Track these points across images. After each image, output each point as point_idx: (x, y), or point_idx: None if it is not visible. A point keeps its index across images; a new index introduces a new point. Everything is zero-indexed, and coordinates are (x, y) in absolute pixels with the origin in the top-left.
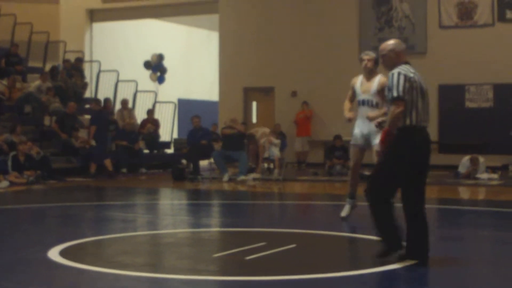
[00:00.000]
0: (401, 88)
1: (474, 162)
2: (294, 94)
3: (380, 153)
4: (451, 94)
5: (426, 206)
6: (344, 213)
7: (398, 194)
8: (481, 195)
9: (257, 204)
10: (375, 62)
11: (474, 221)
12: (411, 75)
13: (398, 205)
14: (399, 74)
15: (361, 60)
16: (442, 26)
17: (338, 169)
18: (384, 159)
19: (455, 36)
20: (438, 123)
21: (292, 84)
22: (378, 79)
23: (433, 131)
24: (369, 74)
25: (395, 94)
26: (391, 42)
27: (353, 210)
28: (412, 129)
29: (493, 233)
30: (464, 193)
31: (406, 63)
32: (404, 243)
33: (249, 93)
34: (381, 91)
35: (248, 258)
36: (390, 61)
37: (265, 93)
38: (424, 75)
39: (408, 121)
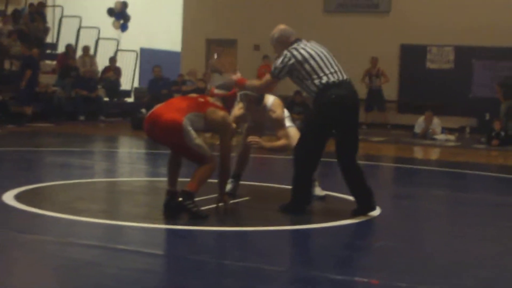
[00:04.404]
0: (277, 65)
1: (427, 120)
2: (256, 48)
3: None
4: (413, 55)
5: (382, 164)
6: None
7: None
8: (437, 155)
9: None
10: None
11: (429, 180)
12: (300, 50)
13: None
14: (283, 55)
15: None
16: None
17: (297, 124)
18: (304, 126)
19: None
20: (399, 83)
21: (255, 37)
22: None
23: (393, 91)
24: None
25: (272, 69)
26: (275, 32)
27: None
28: (320, 92)
29: (446, 192)
30: (420, 152)
31: (295, 41)
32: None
33: (211, 45)
34: None
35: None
36: (280, 48)
37: (228, 45)
38: (386, 34)
39: (314, 88)
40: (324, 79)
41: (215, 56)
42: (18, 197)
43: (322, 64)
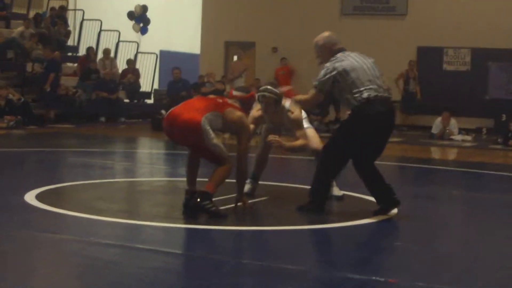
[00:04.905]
0: (320, 78)
1: (444, 121)
2: (274, 50)
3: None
4: (430, 57)
5: (400, 164)
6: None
7: None
8: (455, 155)
9: (232, 157)
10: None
11: (446, 180)
12: (341, 62)
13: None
14: (325, 67)
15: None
16: None
17: (315, 125)
18: (337, 133)
19: None
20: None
21: (273, 40)
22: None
23: None
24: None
25: (314, 82)
26: (319, 40)
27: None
28: (360, 107)
29: (463, 192)
30: (437, 153)
31: (340, 50)
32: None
33: (230, 47)
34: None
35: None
36: (324, 55)
37: (246, 47)
38: (403, 37)
39: (354, 102)
40: (365, 94)
41: (235, 59)
42: (39, 197)
43: (363, 77)
